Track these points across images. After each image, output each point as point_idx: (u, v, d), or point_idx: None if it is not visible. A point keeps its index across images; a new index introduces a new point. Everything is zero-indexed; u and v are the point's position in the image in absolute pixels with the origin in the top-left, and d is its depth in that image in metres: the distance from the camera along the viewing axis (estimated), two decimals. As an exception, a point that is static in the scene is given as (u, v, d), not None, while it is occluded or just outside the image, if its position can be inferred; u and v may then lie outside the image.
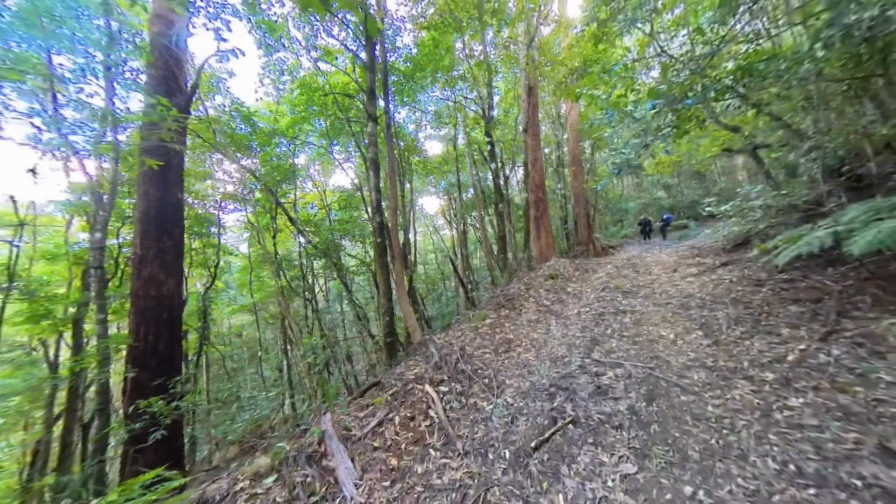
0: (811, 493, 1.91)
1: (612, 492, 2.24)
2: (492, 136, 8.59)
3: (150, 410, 4.31)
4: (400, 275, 5.90)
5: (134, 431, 4.39)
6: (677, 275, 7.54)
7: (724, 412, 2.76)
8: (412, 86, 9.52)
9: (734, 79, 5.08)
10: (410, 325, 5.65)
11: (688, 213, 21.65)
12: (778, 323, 3.96)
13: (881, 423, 2.23)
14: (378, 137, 5.93)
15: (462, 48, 9.11)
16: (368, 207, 9.94)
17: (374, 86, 6.06)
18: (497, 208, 9.02)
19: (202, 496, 2.50)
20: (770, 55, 5.04)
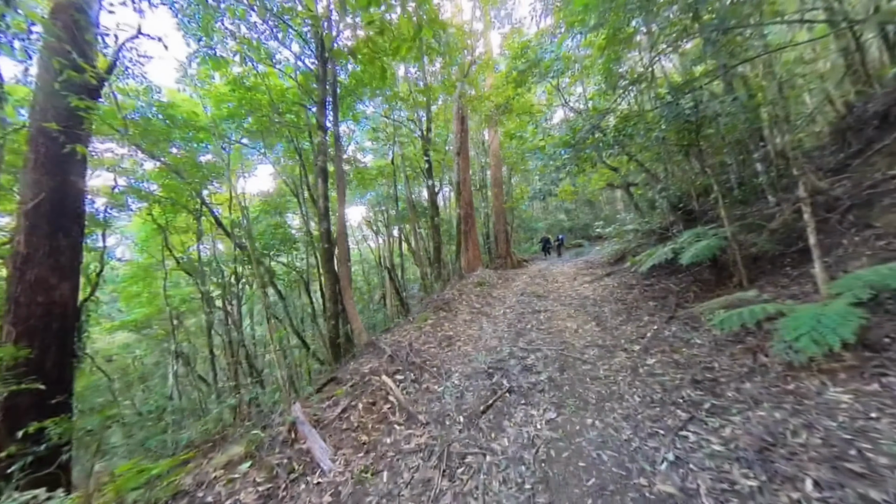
0: (657, 410, 2.98)
1: (541, 431, 3.05)
2: (429, 156, 9.42)
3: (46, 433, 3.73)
4: (346, 280, 6.13)
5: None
6: (576, 282, 9.29)
7: (609, 372, 3.87)
8: (352, 99, 9.85)
9: (615, 135, 6.82)
10: (357, 327, 5.90)
11: (582, 233, 25.74)
12: (641, 313, 5.48)
13: (693, 367, 3.52)
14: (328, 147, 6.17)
15: (404, 72, 9.79)
16: (307, 212, 9.71)
17: (326, 97, 6.33)
18: (433, 221, 9.82)
19: (177, 487, 2.50)
20: (637, 119, 6.93)
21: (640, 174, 10.22)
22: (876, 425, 2.18)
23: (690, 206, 7.74)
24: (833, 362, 2.80)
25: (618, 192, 24.66)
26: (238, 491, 2.57)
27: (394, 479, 2.72)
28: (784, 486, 1.98)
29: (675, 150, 7.62)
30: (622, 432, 2.81)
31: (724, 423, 2.62)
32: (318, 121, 6.18)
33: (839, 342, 2.64)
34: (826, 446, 2.15)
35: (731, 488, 2.06)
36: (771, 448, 2.27)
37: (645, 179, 9.95)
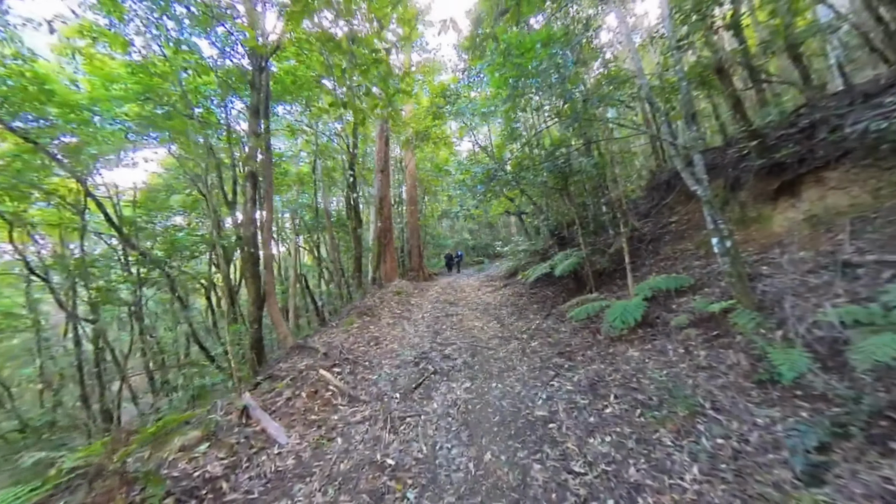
0: (537, 373, 4.29)
1: (459, 396, 4.03)
2: (354, 170, 9.88)
3: None
4: (271, 285, 6.15)
5: None
6: (480, 292, 10.87)
7: (507, 354, 5.14)
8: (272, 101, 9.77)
9: (512, 175, 8.64)
10: (282, 331, 5.98)
11: (484, 251, 28.80)
12: (528, 313, 7.11)
13: (559, 345, 5.03)
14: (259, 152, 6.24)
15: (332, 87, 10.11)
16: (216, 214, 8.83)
17: (259, 104, 6.43)
18: (355, 233, 10.19)
19: (137, 469, 2.58)
20: (528, 165, 8.91)
21: (530, 206, 12.64)
22: (648, 366, 3.82)
23: (563, 234, 10.11)
24: (631, 334, 4.56)
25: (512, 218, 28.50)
26: (203, 465, 2.80)
27: (347, 441, 3.31)
28: (602, 400, 3.38)
29: (553, 190, 9.90)
30: (515, 388, 4.01)
31: (574, 374, 4.05)
32: (250, 127, 6.25)
33: (633, 322, 4.39)
34: (623, 378, 3.68)
35: (575, 406, 3.38)
36: (596, 383, 3.72)
37: (533, 210, 12.35)
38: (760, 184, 5.07)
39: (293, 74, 8.44)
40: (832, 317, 2.91)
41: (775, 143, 4.71)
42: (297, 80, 8.77)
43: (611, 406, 3.28)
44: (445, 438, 3.23)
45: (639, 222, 8.38)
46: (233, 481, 2.75)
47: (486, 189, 8.46)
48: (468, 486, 2.60)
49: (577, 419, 3.20)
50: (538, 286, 8.90)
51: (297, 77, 8.69)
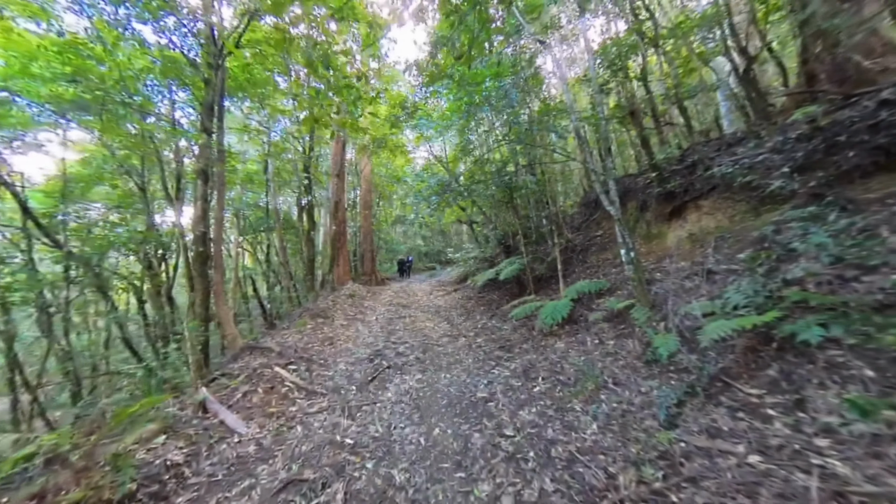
0: (481, 364, 4.87)
1: (412, 386, 4.46)
2: (310, 173, 9.83)
3: None
4: (220, 286, 6.01)
5: None
6: (432, 296, 11.38)
7: (455, 349, 5.69)
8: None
9: (465, 186, 9.34)
10: (231, 332, 5.87)
11: (436, 258, 29.46)
12: (476, 314, 7.76)
13: (501, 340, 5.70)
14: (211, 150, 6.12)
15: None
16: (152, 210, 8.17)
17: (213, 101, 6.33)
18: (309, 235, 10.06)
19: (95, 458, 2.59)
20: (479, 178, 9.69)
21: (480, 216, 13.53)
22: (570, 354, 4.59)
23: (509, 243, 11.05)
24: (559, 329, 5.37)
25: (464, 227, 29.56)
26: (163, 455, 2.89)
27: (307, 428, 3.57)
28: (532, 382, 4.05)
29: (501, 203, 10.82)
30: (461, 377, 4.55)
31: (512, 363, 4.70)
32: (203, 124, 6.14)
33: (561, 319, 5.19)
34: (550, 364, 4.40)
35: (510, 388, 4.00)
36: (529, 369, 4.39)
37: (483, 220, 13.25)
38: (660, 207, 6.28)
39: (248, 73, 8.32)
40: (696, 310, 3.88)
41: (669, 176, 5.92)
42: (252, 78, 8.65)
43: (539, 386, 3.96)
44: (399, 420, 3.65)
45: (572, 234, 9.54)
46: (195, 467, 2.89)
47: (440, 200, 9.05)
48: (419, 454, 3.05)
49: (511, 397, 3.81)
50: (485, 290, 9.65)
51: (252, 75, 8.58)
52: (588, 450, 2.74)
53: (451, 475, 2.72)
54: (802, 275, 3.24)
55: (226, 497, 2.60)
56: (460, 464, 2.85)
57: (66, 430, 2.56)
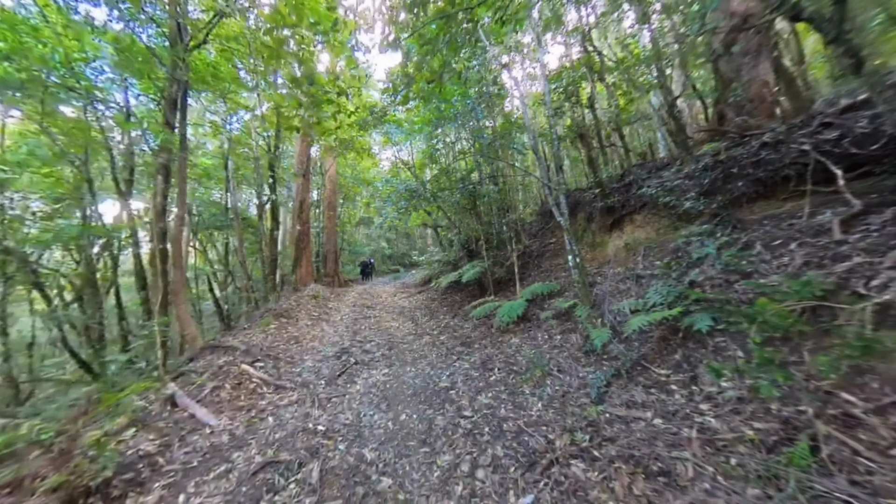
0: (444, 358, 5.29)
1: (379, 379, 4.76)
2: (275, 172, 9.67)
3: None
4: (180, 284, 5.84)
5: None
6: (396, 298, 11.63)
7: (420, 346, 6.05)
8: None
9: (432, 193, 9.77)
10: (190, 332, 5.73)
11: (400, 260, 29.54)
12: (439, 314, 8.18)
13: (462, 337, 6.16)
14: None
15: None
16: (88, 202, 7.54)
17: (177, 95, 6.19)
18: (272, 235, 9.84)
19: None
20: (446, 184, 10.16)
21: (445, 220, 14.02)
22: (523, 348, 5.14)
23: (472, 247, 11.62)
24: (515, 326, 5.94)
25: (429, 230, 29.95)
26: (135, 446, 2.96)
27: (279, 419, 3.75)
28: (489, 372, 4.53)
29: (465, 209, 11.38)
30: (426, 370, 4.93)
31: (472, 356, 5.17)
32: (165, 118, 5.99)
33: (517, 317, 5.76)
34: (505, 357, 4.92)
35: (470, 378, 4.45)
36: (487, 362, 4.88)
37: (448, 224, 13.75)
38: (602, 219, 7.14)
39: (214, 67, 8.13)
40: (625, 308, 4.60)
41: (610, 192, 6.78)
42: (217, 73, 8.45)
43: (494, 375, 4.45)
44: (368, 409, 3.94)
45: (529, 241, 10.32)
46: (168, 456, 2.99)
47: (408, 205, 9.40)
48: (387, 436, 3.38)
49: (470, 385, 4.26)
50: (448, 292, 10.10)
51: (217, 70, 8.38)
52: (533, 423, 3.25)
53: (417, 450, 3.09)
54: (702, 279, 4.04)
55: (203, 480, 2.76)
56: (425, 441, 3.23)
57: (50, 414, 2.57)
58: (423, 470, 2.82)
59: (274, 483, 2.68)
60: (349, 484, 2.67)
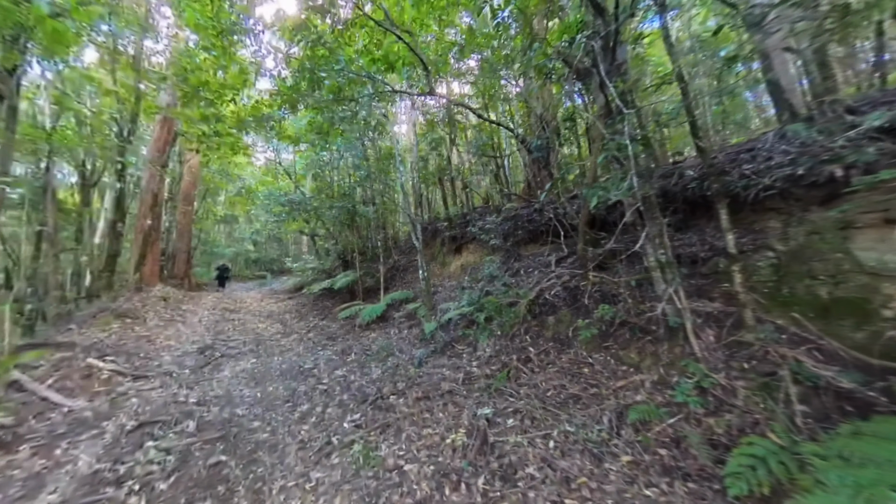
0: (310, 350, 6.29)
1: (247, 367, 5.46)
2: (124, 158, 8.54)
3: None
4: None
5: None
6: (264, 303, 11.60)
7: (287, 342, 6.84)
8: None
9: (314, 208, 10.51)
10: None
11: (269, 265, 27.44)
12: (310, 317, 8.97)
13: (329, 334, 7.24)
14: None
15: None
16: None
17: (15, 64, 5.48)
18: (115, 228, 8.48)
19: None
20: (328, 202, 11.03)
21: (324, 230, 14.58)
22: (378, 339, 6.62)
23: (348, 257, 12.64)
24: (374, 324, 7.39)
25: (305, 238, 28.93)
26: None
27: (145, 398, 4.16)
28: (347, 356, 5.82)
29: (343, 223, 12.41)
30: (292, 358, 5.86)
31: (335, 347, 6.35)
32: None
33: (376, 316, 7.25)
34: (363, 346, 6.30)
35: (331, 361, 5.65)
36: (347, 350, 6.16)
37: (326, 234, 14.36)
38: (451, 245, 9.43)
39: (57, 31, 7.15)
40: (449, 308, 6.64)
41: (456, 225, 9.14)
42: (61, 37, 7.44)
43: (351, 357, 5.78)
44: (237, 386, 4.70)
45: (398, 256, 12.09)
46: (27, 427, 3.23)
47: (287, 217, 9.90)
48: (256, 401, 4.30)
49: (330, 365, 5.48)
50: (320, 298, 10.85)
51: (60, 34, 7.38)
52: (372, 381, 4.73)
53: (282, 406, 4.16)
54: (493, 289, 6.39)
55: (76, 441, 3.19)
56: (288, 400, 4.31)
57: None
58: (286, 414, 3.93)
59: (153, 434, 3.35)
60: (225, 427, 3.57)
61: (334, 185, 10.93)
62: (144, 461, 2.91)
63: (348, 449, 3.18)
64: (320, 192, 11.95)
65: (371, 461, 2.96)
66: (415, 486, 2.62)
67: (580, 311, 4.57)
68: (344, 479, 2.78)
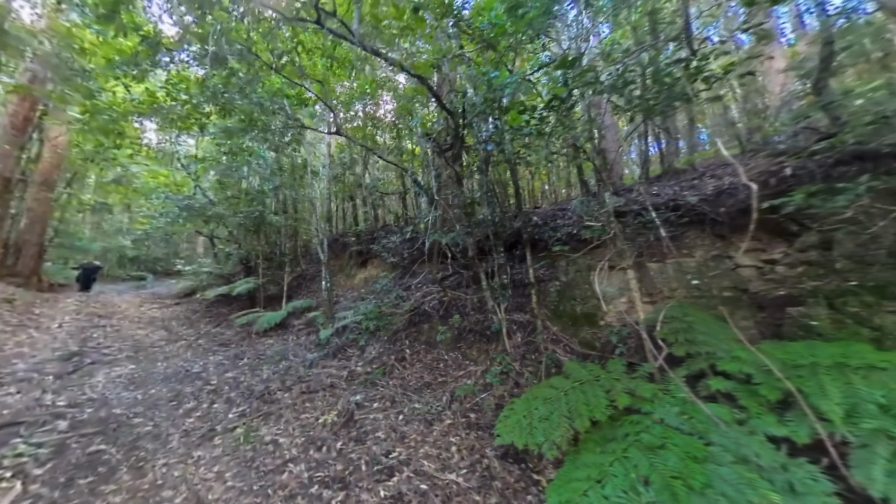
0: (200, 355, 6.38)
1: (126, 372, 5.40)
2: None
3: None
4: None
5: None
6: (144, 308, 10.63)
7: (173, 349, 6.75)
8: None
9: (217, 213, 10.20)
10: None
11: (152, 266, 23.99)
12: (201, 324, 8.72)
13: (222, 340, 7.31)
14: None
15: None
16: None
17: None
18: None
19: None
20: (233, 206, 10.76)
21: (226, 232, 13.83)
22: (275, 345, 7.00)
23: (251, 263, 12.32)
24: (273, 331, 7.71)
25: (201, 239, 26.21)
26: None
27: (4, 401, 4.02)
28: (240, 360, 6.14)
29: (250, 229, 12.14)
30: (179, 363, 5.93)
31: (227, 352, 6.55)
32: None
33: (275, 324, 7.60)
34: (257, 351, 6.64)
35: (222, 365, 5.92)
36: (240, 355, 6.44)
37: (228, 237, 13.65)
38: (358, 258, 10.19)
39: None
40: (346, 316, 7.40)
41: (363, 241, 9.97)
42: None
43: (244, 362, 6.12)
44: (114, 390, 4.75)
45: (307, 265, 12.28)
46: None
47: (185, 221, 9.48)
48: (137, 402, 4.48)
49: (220, 369, 5.76)
50: (216, 305, 10.45)
51: None
52: (261, 381, 5.25)
53: (166, 405, 4.44)
54: (386, 301, 7.38)
55: (-81, 443, 3.14)
56: (173, 400, 4.60)
57: None
58: (171, 411, 4.27)
59: (20, 433, 3.44)
60: (103, 424, 3.79)
61: (242, 190, 10.78)
62: (13, 455, 3.09)
63: (231, 433, 3.77)
64: (224, 188, 11.50)
65: (251, 440, 3.63)
66: (286, 452, 3.41)
67: (444, 319, 5.85)
68: (224, 454, 3.40)
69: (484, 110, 3.73)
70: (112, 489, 2.82)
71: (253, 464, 3.23)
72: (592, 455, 2.19)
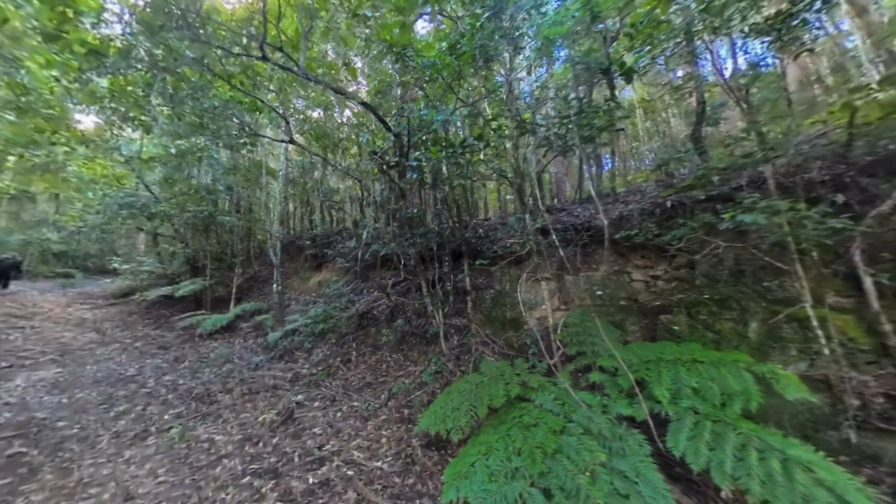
0: (136, 359, 6.18)
1: (49, 376, 5.16)
2: None
3: None
4: None
5: None
6: (72, 308, 9.88)
7: (105, 352, 6.46)
8: None
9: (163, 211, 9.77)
10: None
11: (80, 263, 21.90)
12: (138, 326, 8.32)
13: (162, 343, 7.09)
14: None
15: None
16: None
17: None
18: None
19: None
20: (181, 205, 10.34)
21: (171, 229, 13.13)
22: (219, 347, 6.91)
23: (199, 263, 11.83)
24: (218, 333, 7.58)
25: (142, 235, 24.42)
26: None
27: None
28: (180, 364, 6.04)
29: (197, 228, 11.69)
30: (111, 367, 5.73)
31: (166, 356, 6.40)
32: None
33: (221, 326, 7.49)
34: (200, 354, 6.54)
35: (160, 368, 5.81)
36: (180, 358, 6.33)
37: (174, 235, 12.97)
38: (313, 262, 10.22)
39: None
40: (296, 319, 7.48)
41: (319, 245, 10.03)
42: None
43: (184, 365, 6.03)
44: (35, 394, 4.56)
45: (260, 267, 12.02)
46: None
47: (125, 217, 9.00)
48: (62, 406, 4.36)
49: (158, 372, 5.66)
50: (157, 306, 9.96)
51: None
52: (202, 384, 5.26)
53: (96, 408, 4.37)
54: (335, 305, 7.56)
55: None
56: (103, 403, 4.52)
57: None
58: (100, 414, 4.21)
59: (-75, 438, 3.30)
60: (23, 427, 3.70)
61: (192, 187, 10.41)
62: (-82, 459, 2.99)
63: (166, 433, 3.84)
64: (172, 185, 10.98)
65: (186, 439, 3.74)
66: (221, 448, 3.57)
67: (390, 323, 6.19)
68: (157, 452, 3.50)
69: (415, 143, 4.22)
70: (33, 489, 2.85)
71: (187, 460, 3.37)
72: (486, 435, 2.66)
